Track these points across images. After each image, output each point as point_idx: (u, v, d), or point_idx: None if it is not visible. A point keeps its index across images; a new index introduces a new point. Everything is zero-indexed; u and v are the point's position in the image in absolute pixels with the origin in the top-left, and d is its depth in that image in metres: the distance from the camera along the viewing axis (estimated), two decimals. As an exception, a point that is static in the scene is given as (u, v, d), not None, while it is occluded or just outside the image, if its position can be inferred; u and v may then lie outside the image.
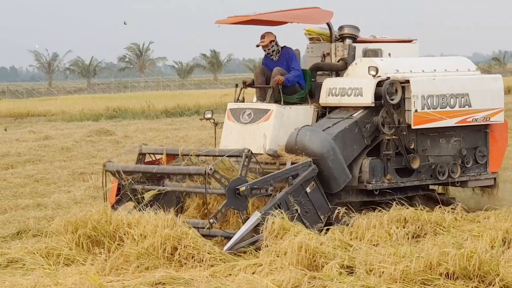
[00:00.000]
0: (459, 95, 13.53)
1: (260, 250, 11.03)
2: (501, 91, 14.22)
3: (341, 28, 14.06)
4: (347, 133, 12.87)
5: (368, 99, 13.00)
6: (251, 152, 11.85)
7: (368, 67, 13.12)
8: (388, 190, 13.16)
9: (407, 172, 13.34)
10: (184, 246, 11.12)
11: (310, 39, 14.55)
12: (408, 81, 13.10)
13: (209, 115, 14.06)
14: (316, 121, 13.48)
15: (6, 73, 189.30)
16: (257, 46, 13.89)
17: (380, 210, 12.46)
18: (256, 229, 11.51)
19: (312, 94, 13.77)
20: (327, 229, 11.88)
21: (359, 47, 13.96)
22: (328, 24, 14.06)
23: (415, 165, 13.23)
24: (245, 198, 11.67)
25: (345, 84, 13.34)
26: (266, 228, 11.23)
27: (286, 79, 13.34)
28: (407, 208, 12.49)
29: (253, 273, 10.05)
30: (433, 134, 13.57)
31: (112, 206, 12.65)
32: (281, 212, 11.49)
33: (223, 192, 11.72)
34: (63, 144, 27.61)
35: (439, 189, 14.62)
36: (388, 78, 12.99)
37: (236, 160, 12.41)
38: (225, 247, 11.26)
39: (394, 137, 13.02)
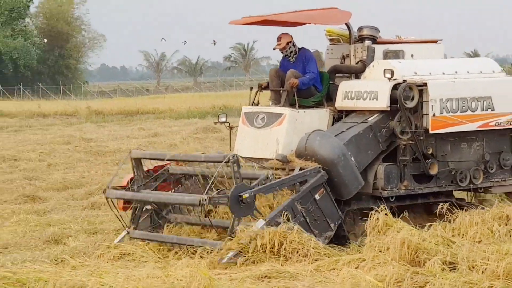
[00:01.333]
0: (481, 98, 12.77)
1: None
2: None
3: (360, 29, 13.46)
4: (361, 138, 12.24)
5: (383, 103, 12.33)
6: (237, 157, 11.22)
7: (384, 70, 12.46)
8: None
9: (425, 178, 12.67)
10: (289, 241, 11.21)
11: (331, 40, 13.94)
12: (426, 84, 12.42)
13: (223, 119, 13.52)
14: (332, 125, 12.88)
15: (117, 72, 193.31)
16: (274, 49, 13.33)
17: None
18: None
19: (330, 97, 13.18)
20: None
21: (380, 49, 13.35)
22: (347, 25, 13.46)
23: (433, 171, 12.53)
24: (247, 206, 11.08)
25: (361, 87, 12.72)
26: (370, 224, 11.21)
27: (301, 82, 12.77)
28: (510, 206, 12.06)
29: (356, 268, 10.05)
30: (454, 138, 12.84)
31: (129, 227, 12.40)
32: (288, 220, 11.10)
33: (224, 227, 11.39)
34: (171, 141, 28.10)
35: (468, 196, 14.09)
36: (405, 81, 12.34)
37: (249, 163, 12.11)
38: (225, 258, 10.71)
39: (410, 142, 12.33)
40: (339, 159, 11.75)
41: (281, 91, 12.91)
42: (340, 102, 12.86)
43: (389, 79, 12.29)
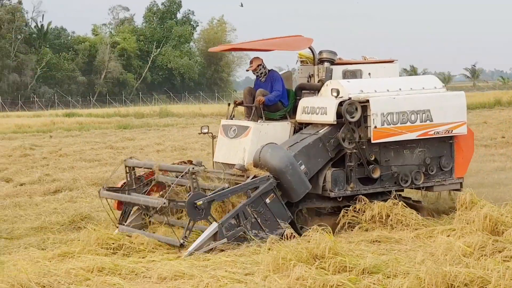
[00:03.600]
0: (420, 111, 11.85)
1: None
2: (464, 106, 12.33)
3: (320, 52, 12.53)
4: (311, 147, 11.43)
5: (330, 117, 11.49)
6: (194, 169, 10.43)
7: (331, 89, 11.66)
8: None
9: (371, 180, 11.78)
10: (395, 214, 11.20)
11: (301, 62, 13.05)
12: (368, 101, 11.54)
13: (205, 130, 12.76)
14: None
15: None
16: (247, 70, 12.59)
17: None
18: (214, 237, 10.25)
19: (295, 112, 12.25)
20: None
21: (340, 69, 12.42)
22: (311, 49, 12.54)
23: (376, 174, 11.70)
24: (203, 211, 10.23)
25: (314, 103, 11.86)
26: (459, 201, 11.00)
27: (267, 99, 11.98)
28: None
29: (448, 236, 9.96)
30: (396, 146, 11.94)
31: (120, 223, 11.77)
32: (238, 222, 10.40)
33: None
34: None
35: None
36: (350, 98, 11.45)
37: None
38: (186, 253, 9.98)
39: (355, 150, 11.49)
40: (287, 168, 11.00)
41: (251, 107, 12.15)
42: (299, 116, 12.09)
43: (336, 97, 11.52)
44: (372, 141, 11.55)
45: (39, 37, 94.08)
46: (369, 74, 12.58)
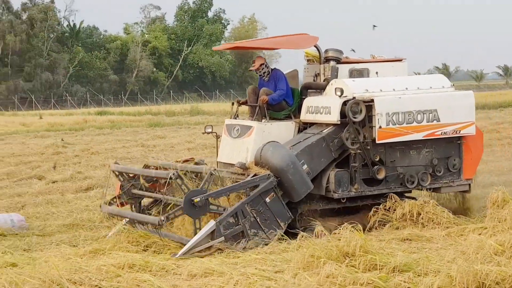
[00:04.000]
0: (427, 111, 11.54)
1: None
2: (472, 106, 11.97)
3: (326, 51, 12.29)
4: (314, 147, 11.19)
5: (334, 117, 11.26)
6: (215, 170, 10.48)
7: (335, 88, 11.42)
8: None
9: (376, 181, 11.50)
10: (426, 212, 11.13)
11: (307, 60, 12.81)
12: (373, 100, 11.26)
13: (209, 130, 12.67)
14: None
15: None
16: (250, 70, 12.40)
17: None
18: (211, 235, 10.06)
19: (300, 111, 12.05)
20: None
21: (346, 68, 12.19)
22: (317, 48, 12.29)
23: (381, 175, 11.42)
24: (201, 208, 10.12)
25: (319, 103, 11.62)
26: (490, 200, 10.87)
27: (271, 98, 11.79)
28: None
29: (479, 234, 9.86)
30: (402, 146, 11.63)
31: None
32: (236, 220, 10.21)
33: (181, 201, 10.30)
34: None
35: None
36: (354, 97, 11.20)
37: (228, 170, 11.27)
38: (179, 253, 9.81)
39: (359, 151, 11.22)
40: (289, 167, 10.75)
41: (255, 107, 11.97)
42: (304, 116, 11.86)
43: (340, 96, 11.27)
44: (377, 142, 11.28)
45: (71, 36, 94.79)
46: (377, 73, 12.33)
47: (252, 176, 10.65)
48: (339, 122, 11.21)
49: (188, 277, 8.57)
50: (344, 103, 11.17)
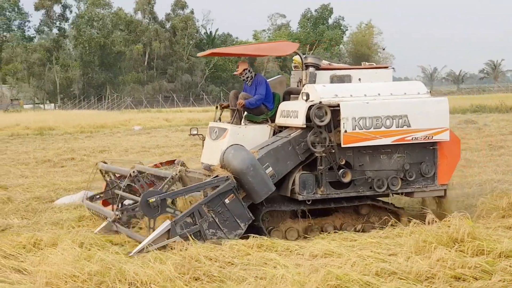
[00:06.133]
0: (396, 117, 10.37)
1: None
2: (446, 112, 10.72)
3: (305, 58, 11.28)
4: (280, 150, 10.22)
5: (300, 121, 10.29)
6: (177, 174, 9.77)
7: (302, 93, 10.53)
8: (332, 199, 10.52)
9: (344, 184, 10.45)
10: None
11: (294, 67, 11.80)
12: (338, 105, 10.25)
13: (194, 132, 11.84)
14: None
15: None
16: (234, 74, 11.57)
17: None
18: (167, 234, 9.31)
19: None
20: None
21: (327, 74, 11.18)
22: (299, 55, 11.33)
23: (346, 179, 10.32)
24: (157, 208, 9.42)
25: (289, 107, 10.71)
26: None
27: (248, 102, 10.96)
28: None
29: None
30: (372, 151, 10.50)
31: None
32: (193, 220, 9.44)
33: (137, 200, 9.75)
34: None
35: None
36: (320, 102, 10.22)
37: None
38: (133, 251, 9.08)
39: (324, 154, 10.22)
40: (248, 169, 9.78)
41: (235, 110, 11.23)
42: (278, 119, 10.95)
43: (305, 100, 10.36)
44: (342, 145, 10.24)
45: (207, 42, 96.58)
46: (359, 79, 11.31)
47: (213, 178, 9.91)
48: (304, 126, 10.32)
49: (310, 257, 8.56)
50: (310, 107, 10.31)
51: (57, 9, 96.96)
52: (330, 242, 9.23)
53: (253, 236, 9.34)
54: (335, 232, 10.18)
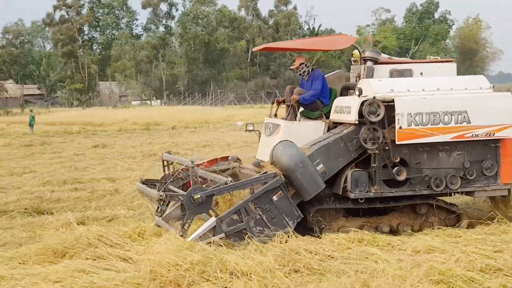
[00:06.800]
0: (455, 112, 9.84)
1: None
2: (509, 107, 10.06)
3: (363, 51, 10.84)
4: (331, 147, 9.86)
5: (353, 117, 9.91)
6: (195, 164, 9.40)
7: (355, 88, 10.15)
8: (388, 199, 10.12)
9: (400, 183, 10.00)
10: None
11: (354, 61, 11.33)
12: (393, 100, 9.77)
13: (250, 128, 11.54)
14: None
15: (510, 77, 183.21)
16: (290, 69, 11.12)
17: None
18: (212, 231, 9.02)
19: None
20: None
21: (387, 68, 10.71)
22: (357, 49, 10.95)
23: (401, 177, 9.88)
24: (201, 206, 9.06)
25: (343, 103, 10.34)
26: None
27: (302, 98, 10.67)
28: None
29: None
30: (429, 148, 10.01)
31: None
32: (240, 218, 9.13)
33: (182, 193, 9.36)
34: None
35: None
36: (374, 97, 9.79)
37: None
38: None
39: (377, 151, 9.80)
40: (297, 166, 9.47)
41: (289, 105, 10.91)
42: (332, 115, 10.59)
43: (358, 95, 9.98)
44: (397, 142, 9.78)
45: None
46: (421, 73, 10.81)
47: (261, 174, 9.65)
48: (357, 122, 9.93)
49: (412, 252, 8.40)
50: (363, 103, 9.93)
51: (164, 7, 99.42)
52: (434, 238, 9.04)
53: (354, 230, 9.28)
54: (436, 228, 9.88)
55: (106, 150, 25.90)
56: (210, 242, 8.76)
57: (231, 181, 9.35)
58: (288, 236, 8.92)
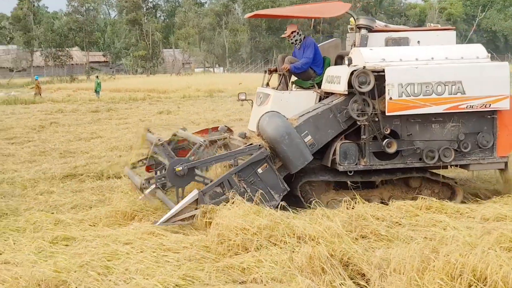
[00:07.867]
0: (449, 83, 9.35)
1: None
2: (506, 78, 9.53)
3: (357, 19, 10.33)
4: (320, 118, 9.49)
5: (342, 87, 9.51)
6: (207, 142, 9.22)
7: (345, 57, 9.71)
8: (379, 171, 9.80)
9: (390, 155, 9.64)
10: None
11: (350, 29, 10.80)
12: (383, 70, 9.34)
13: (242, 97, 11.26)
14: None
15: None
16: (282, 37, 10.79)
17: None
18: (195, 204, 8.70)
19: None
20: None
21: (382, 36, 10.23)
22: (352, 16, 10.44)
23: (392, 149, 9.51)
24: (185, 178, 8.87)
25: (334, 72, 9.95)
26: None
27: (293, 66, 10.40)
28: None
29: None
30: (421, 120, 9.61)
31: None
32: (223, 190, 8.82)
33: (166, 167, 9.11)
34: None
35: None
36: (364, 67, 9.35)
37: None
38: (159, 221, 8.47)
39: (366, 123, 9.43)
40: (283, 137, 9.10)
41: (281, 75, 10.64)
42: (323, 85, 10.26)
43: (348, 65, 9.53)
44: (387, 114, 9.40)
45: (375, 5, 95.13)
46: (418, 42, 10.34)
47: (245, 146, 9.36)
48: (346, 92, 9.53)
49: (481, 220, 8.33)
50: (352, 73, 9.45)
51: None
52: (503, 206, 8.93)
53: (422, 197, 9.18)
54: (506, 196, 9.70)
55: (171, 116, 26.19)
56: (193, 216, 8.56)
57: (204, 141, 9.17)
58: (355, 203, 8.82)
